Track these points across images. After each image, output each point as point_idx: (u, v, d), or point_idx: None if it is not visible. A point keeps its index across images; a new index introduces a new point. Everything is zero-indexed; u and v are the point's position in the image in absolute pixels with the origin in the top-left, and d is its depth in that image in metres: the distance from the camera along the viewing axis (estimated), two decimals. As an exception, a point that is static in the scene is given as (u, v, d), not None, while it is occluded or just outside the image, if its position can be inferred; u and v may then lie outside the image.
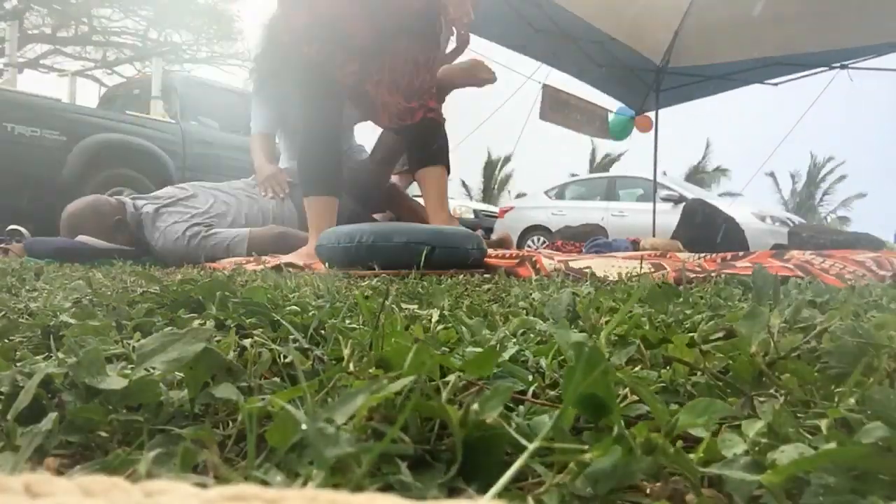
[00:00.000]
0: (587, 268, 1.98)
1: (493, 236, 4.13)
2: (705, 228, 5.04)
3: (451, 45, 3.13)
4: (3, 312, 0.83)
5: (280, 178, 3.55)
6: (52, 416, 0.38)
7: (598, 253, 3.78)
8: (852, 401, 0.42)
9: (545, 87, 6.81)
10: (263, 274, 1.55)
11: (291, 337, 0.62)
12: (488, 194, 28.59)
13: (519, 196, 19.74)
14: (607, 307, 0.87)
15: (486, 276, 2.08)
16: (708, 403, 0.37)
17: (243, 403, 0.38)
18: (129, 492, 0.22)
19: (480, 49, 6.22)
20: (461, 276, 1.92)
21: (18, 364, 0.51)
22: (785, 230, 7.29)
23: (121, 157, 5.42)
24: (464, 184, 29.49)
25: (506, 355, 0.52)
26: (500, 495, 0.27)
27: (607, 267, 2.05)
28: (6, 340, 0.68)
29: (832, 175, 30.63)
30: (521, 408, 0.44)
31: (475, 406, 0.34)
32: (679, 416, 0.37)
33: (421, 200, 3.23)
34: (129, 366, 0.47)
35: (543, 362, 0.55)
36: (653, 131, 7.88)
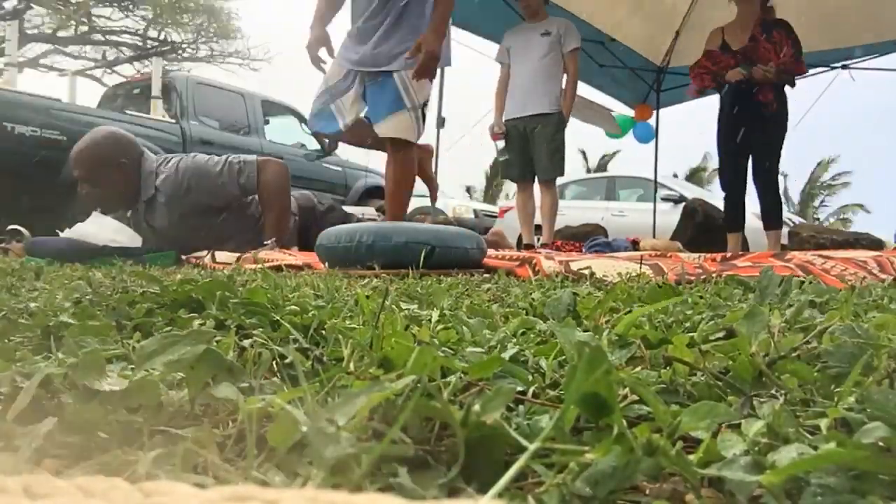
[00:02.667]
0: (587, 268, 1.98)
1: (488, 235, 4.15)
2: (705, 228, 5.04)
3: None
4: (3, 312, 0.83)
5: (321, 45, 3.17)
6: (52, 420, 0.38)
7: (597, 253, 3.79)
8: (851, 399, 0.42)
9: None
10: (263, 274, 1.55)
11: (292, 337, 0.62)
12: (488, 194, 28.58)
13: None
14: (608, 307, 0.87)
15: (485, 275, 2.08)
16: (711, 407, 0.37)
17: (243, 404, 0.38)
18: (129, 492, 0.22)
19: (478, 47, 6.23)
20: (461, 276, 1.92)
21: (18, 364, 0.51)
22: (785, 230, 7.28)
23: (121, 157, 5.42)
24: (465, 185, 29.52)
25: (506, 355, 0.52)
26: (500, 495, 0.27)
27: (607, 268, 2.05)
28: (6, 340, 0.68)
29: (831, 174, 30.62)
30: (521, 408, 0.44)
31: (476, 407, 0.34)
32: (681, 418, 0.37)
33: None
34: (130, 366, 0.47)
35: (544, 362, 0.55)
36: (653, 133, 7.88)
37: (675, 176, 11.02)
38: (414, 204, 9.58)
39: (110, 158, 3.04)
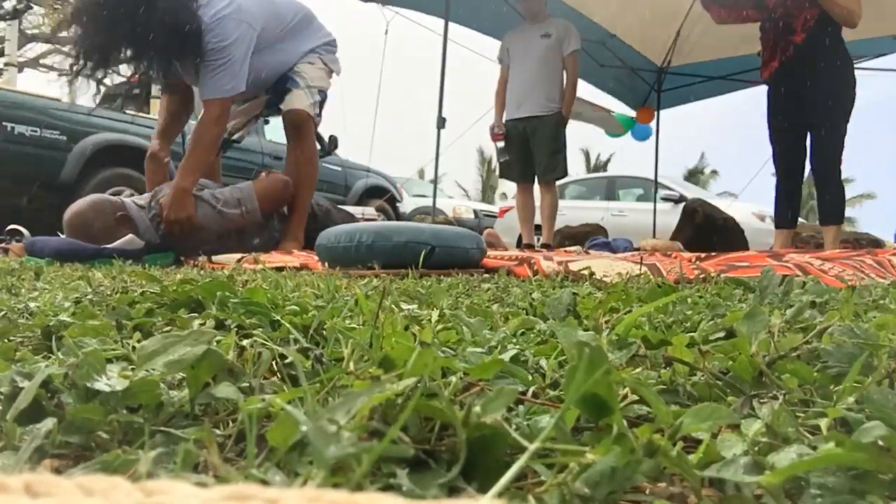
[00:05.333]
0: (586, 268, 1.98)
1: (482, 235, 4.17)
2: (705, 228, 5.04)
3: None
4: (3, 312, 0.83)
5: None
6: (52, 420, 0.38)
7: (597, 251, 3.79)
8: (851, 399, 0.42)
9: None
10: (263, 274, 1.55)
11: (292, 337, 0.62)
12: (487, 194, 28.56)
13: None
14: (608, 307, 0.87)
15: (485, 275, 2.08)
16: (713, 409, 0.37)
17: (243, 403, 0.38)
18: (129, 492, 0.22)
19: (478, 46, 6.23)
20: (461, 276, 1.92)
21: (18, 364, 0.51)
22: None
23: (121, 157, 5.42)
24: (459, 184, 29.49)
25: (506, 357, 0.52)
26: (500, 495, 0.27)
27: (607, 268, 2.05)
28: (6, 340, 0.68)
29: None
30: (521, 408, 0.44)
31: (477, 408, 0.34)
32: (683, 419, 0.37)
33: None
34: (130, 366, 0.47)
35: (544, 362, 0.55)
36: (653, 133, 7.88)
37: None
38: (414, 203, 9.48)
39: (97, 228, 3.04)
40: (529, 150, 4.61)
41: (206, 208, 3.08)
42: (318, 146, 7.08)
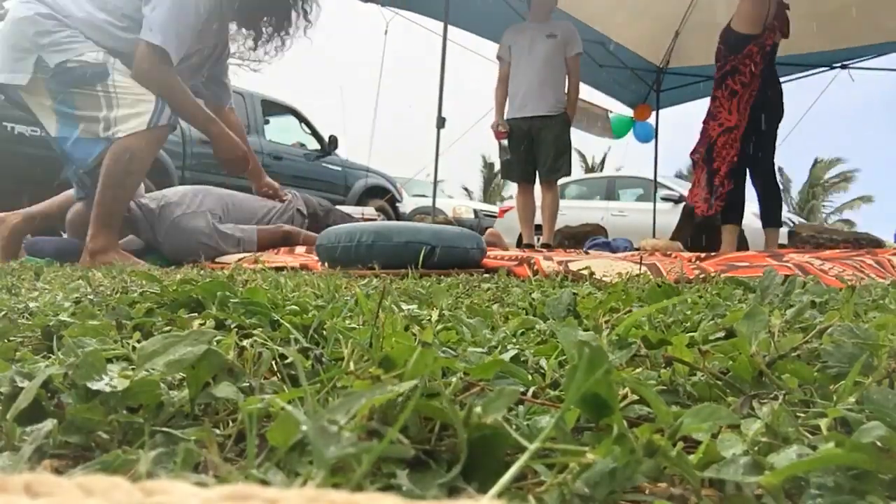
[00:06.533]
0: (586, 268, 1.98)
1: (485, 235, 4.16)
2: (705, 228, 5.04)
3: None
4: (3, 312, 0.83)
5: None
6: (52, 420, 0.38)
7: (597, 251, 3.79)
8: (851, 399, 0.42)
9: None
10: (263, 274, 1.55)
11: (292, 337, 0.62)
12: (488, 194, 28.56)
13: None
14: (608, 307, 0.87)
15: (485, 275, 2.08)
16: (713, 409, 0.37)
17: (243, 403, 0.38)
18: (129, 492, 0.22)
19: (479, 47, 6.23)
20: (461, 276, 1.92)
21: (18, 364, 0.51)
22: (785, 230, 7.29)
23: (121, 157, 5.42)
24: (463, 185, 29.48)
25: (506, 357, 0.52)
26: (500, 495, 0.27)
27: (606, 268, 2.05)
28: (6, 340, 0.68)
29: (832, 175, 30.58)
30: (521, 408, 0.44)
31: (478, 408, 0.34)
32: (683, 419, 0.37)
33: None
34: (130, 366, 0.47)
35: (544, 362, 0.55)
36: (653, 132, 7.89)
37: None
38: (414, 203, 9.46)
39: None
40: (532, 149, 4.61)
41: (202, 233, 3.05)
42: (319, 146, 7.08)
